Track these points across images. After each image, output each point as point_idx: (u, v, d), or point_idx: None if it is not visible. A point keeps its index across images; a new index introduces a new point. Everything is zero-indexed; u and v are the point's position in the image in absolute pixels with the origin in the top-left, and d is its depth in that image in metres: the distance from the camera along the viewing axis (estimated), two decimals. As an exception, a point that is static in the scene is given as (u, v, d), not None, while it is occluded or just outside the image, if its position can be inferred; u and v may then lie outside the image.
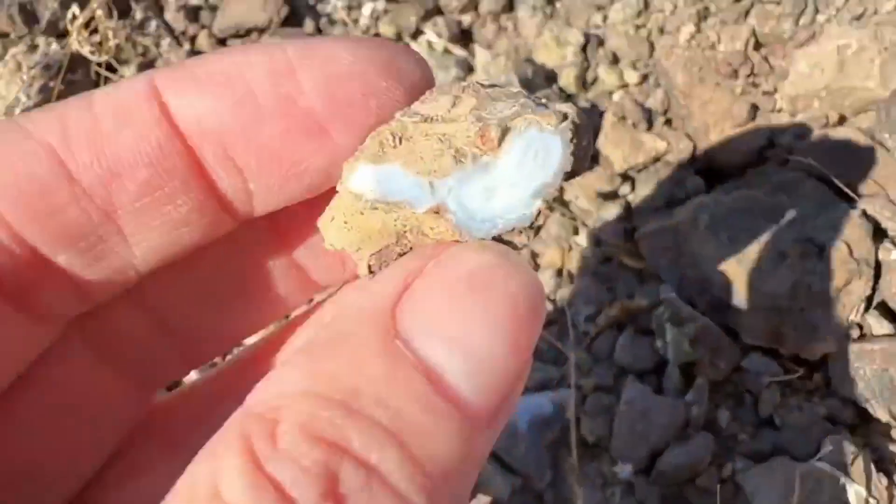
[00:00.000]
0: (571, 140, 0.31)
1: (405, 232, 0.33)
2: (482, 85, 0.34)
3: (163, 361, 0.40)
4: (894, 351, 0.77)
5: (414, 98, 0.34)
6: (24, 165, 0.30)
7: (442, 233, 0.32)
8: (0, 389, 0.33)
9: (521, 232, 0.32)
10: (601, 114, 0.99)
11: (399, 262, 0.32)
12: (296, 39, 0.34)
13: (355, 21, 1.15)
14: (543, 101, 0.33)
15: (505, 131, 0.31)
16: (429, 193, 0.31)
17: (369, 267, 0.34)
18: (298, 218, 0.38)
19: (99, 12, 1.05)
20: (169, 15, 1.12)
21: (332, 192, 0.34)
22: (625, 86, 1.03)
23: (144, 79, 0.32)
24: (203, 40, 1.11)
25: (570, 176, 0.32)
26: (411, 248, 0.34)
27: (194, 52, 1.11)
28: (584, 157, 0.32)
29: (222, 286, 0.40)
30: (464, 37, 1.12)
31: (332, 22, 1.15)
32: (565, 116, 0.31)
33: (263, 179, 0.33)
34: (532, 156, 0.31)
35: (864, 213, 0.86)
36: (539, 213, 0.32)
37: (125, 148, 0.31)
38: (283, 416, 0.27)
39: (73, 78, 1.04)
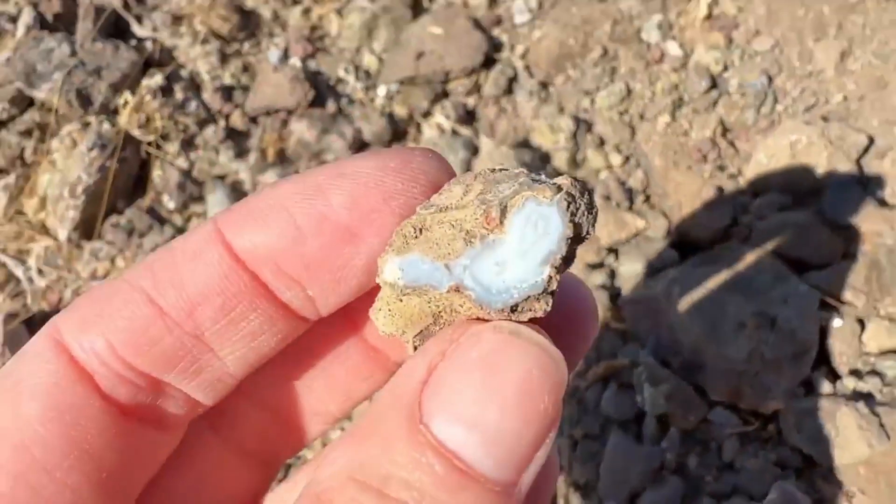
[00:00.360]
0: (567, 209, 0.33)
1: (440, 312, 0.36)
2: (491, 170, 0.37)
3: (278, 443, 0.48)
4: (833, 409, 0.92)
5: (435, 190, 0.37)
6: (127, 310, 0.38)
7: (469, 308, 0.35)
8: (141, 487, 0.42)
9: (538, 299, 0.34)
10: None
11: (426, 346, 0.34)
12: (326, 165, 0.40)
13: (371, 100, 1.29)
14: (542, 176, 0.35)
15: (505, 210, 0.33)
16: (446, 275, 0.34)
17: (415, 348, 0.37)
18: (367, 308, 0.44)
19: (148, 97, 1.19)
20: (206, 95, 1.26)
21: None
22: (609, 166, 1.18)
23: (209, 223, 0.39)
24: (237, 119, 1.25)
25: (578, 240, 0.34)
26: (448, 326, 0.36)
27: (229, 129, 1.25)
28: (587, 220, 0.35)
29: (316, 373, 0.46)
30: (469, 117, 1.26)
31: (351, 101, 1.29)
32: (559, 188, 0.33)
33: (317, 286, 0.39)
34: (532, 228, 0.33)
35: (813, 286, 1.01)
36: (550, 278, 0.34)
37: (200, 283, 0.38)
38: (333, 498, 0.31)
39: (123, 156, 1.18)
